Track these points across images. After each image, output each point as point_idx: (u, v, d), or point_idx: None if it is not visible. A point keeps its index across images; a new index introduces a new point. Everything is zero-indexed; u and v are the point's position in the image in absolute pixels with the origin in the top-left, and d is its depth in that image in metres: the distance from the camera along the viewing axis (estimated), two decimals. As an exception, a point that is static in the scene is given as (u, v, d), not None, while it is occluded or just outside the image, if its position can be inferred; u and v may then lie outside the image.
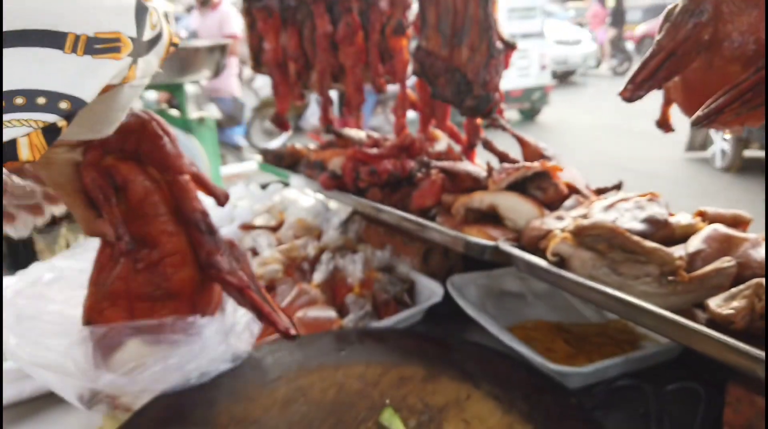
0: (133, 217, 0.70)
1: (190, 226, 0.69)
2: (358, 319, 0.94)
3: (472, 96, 1.13)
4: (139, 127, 0.69)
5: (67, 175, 0.68)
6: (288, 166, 1.37)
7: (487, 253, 0.85)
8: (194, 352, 0.71)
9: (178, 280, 0.69)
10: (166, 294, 0.69)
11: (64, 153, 0.67)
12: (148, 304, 0.69)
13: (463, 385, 0.75)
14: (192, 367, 0.70)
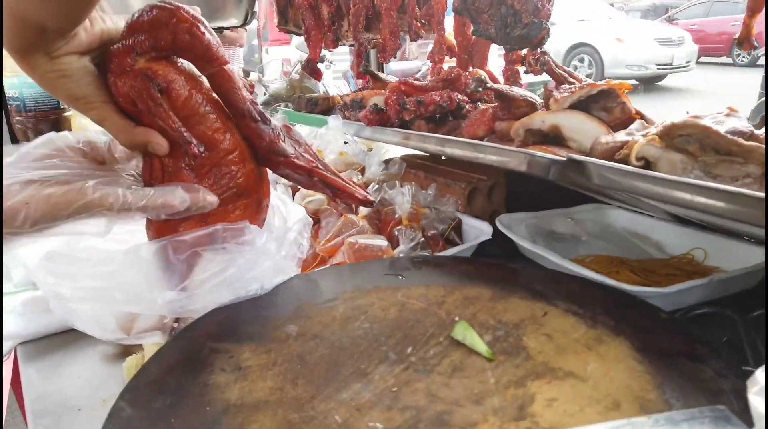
0: (181, 121, 0.64)
1: (244, 118, 0.63)
2: (409, 250, 0.89)
3: (522, 25, 1.07)
4: (169, 18, 0.62)
5: (89, 86, 0.61)
6: (322, 111, 1.31)
7: (555, 170, 0.79)
8: (251, 263, 0.65)
9: (245, 176, 0.63)
10: (236, 194, 0.63)
11: (76, 61, 0.60)
12: (219, 209, 0.63)
13: (536, 304, 0.69)
14: (250, 277, 0.65)
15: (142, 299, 0.64)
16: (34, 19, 0.53)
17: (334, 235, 0.90)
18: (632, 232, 1.04)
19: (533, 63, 1.14)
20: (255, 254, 0.65)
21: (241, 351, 0.61)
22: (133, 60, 0.62)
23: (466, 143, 0.92)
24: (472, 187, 1.11)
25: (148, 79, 0.62)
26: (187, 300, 0.65)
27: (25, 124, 1.41)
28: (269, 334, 0.65)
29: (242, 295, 0.68)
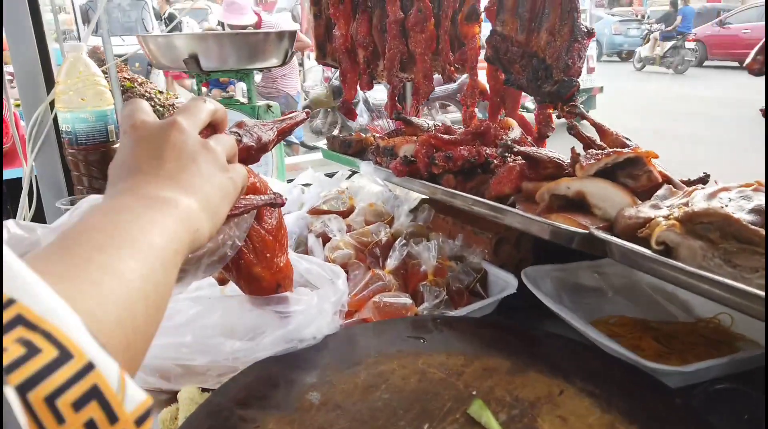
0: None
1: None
2: (433, 307, 0.91)
3: (552, 81, 1.09)
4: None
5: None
6: (355, 153, 1.35)
7: (577, 241, 0.80)
8: (309, 320, 0.74)
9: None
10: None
11: None
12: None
13: (553, 380, 0.71)
14: (307, 332, 0.73)
15: (210, 348, 0.71)
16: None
17: (361, 289, 0.93)
18: (658, 289, 1.04)
19: (565, 109, 1.15)
20: (312, 315, 0.74)
21: (267, 421, 0.65)
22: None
23: (491, 206, 0.94)
24: (499, 236, 1.12)
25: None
26: (251, 350, 0.73)
27: (76, 156, 1.49)
28: (294, 403, 0.68)
29: (296, 345, 0.75)
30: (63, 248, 0.38)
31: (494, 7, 1.20)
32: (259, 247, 0.66)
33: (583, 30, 1.06)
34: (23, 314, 0.27)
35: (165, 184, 0.49)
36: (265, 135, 0.65)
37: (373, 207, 1.15)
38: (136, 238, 0.41)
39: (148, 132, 0.53)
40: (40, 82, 1.56)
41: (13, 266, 0.29)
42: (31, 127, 1.56)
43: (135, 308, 0.37)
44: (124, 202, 0.46)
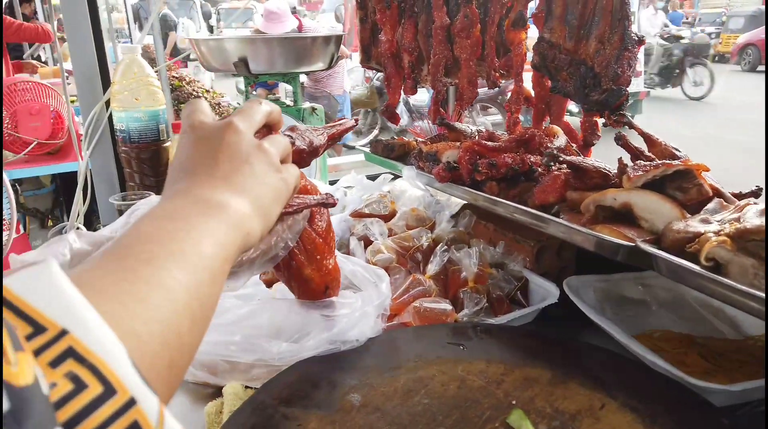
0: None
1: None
2: (473, 314, 0.91)
3: (601, 90, 1.07)
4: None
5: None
6: (397, 157, 1.36)
7: (622, 254, 0.79)
8: (352, 323, 0.76)
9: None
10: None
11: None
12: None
13: (595, 393, 0.70)
14: (350, 334, 0.75)
15: (257, 348, 0.74)
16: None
17: (402, 294, 0.94)
18: (705, 304, 1.02)
19: (612, 118, 1.14)
20: (356, 318, 0.76)
21: (309, 420, 0.67)
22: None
23: (534, 214, 0.94)
24: (541, 245, 1.12)
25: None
26: (295, 351, 0.75)
27: (129, 154, 1.55)
28: (335, 403, 0.70)
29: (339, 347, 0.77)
30: (114, 259, 0.39)
31: (542, 13, 1.19)
32: (309, 248, 0.68)
33: (634, 38, 1.04)
34: (74, 347, 0.28)
35: (218, 186, 0.50)
36: (317, 139, 0.67)
37: (415, 212, 1.16)
38: (186, 249, 0.42)
39: (205, 133, 0.54)
40: (98, 81, 1.63)
41: (67, 293, 0.30)
42: (87, 125, 1.63)
43: (180, 325, 0.38)
44: (178, 207, 0.47)
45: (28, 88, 2.70)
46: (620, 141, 0.94)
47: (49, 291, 0.29)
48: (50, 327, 0.28)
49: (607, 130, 1.22)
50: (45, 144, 2.72)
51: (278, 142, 0.59)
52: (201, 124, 0.55)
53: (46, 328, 0.28)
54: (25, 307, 0.28)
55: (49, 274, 0.30)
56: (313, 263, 0.68)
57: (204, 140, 0.54)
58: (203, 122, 0.56)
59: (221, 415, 0.76)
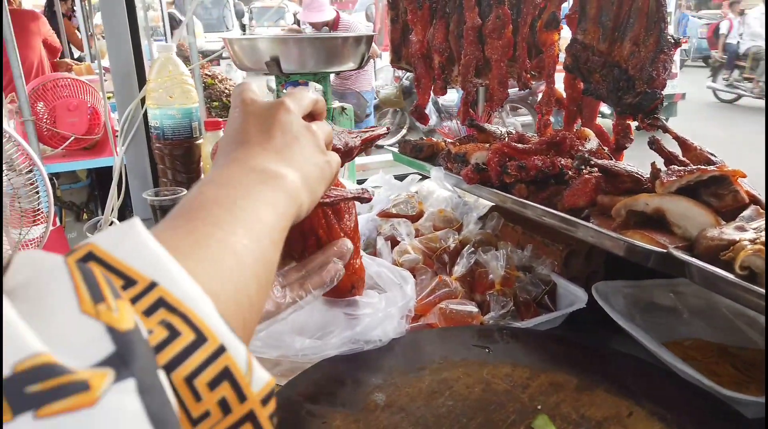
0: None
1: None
2: (499, 317, 0.91)
3: (635, 93, 1.06)
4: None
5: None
6: (425, 158, 1.36)
7: (653, 260, 0.78)
8: (376, 323, 0.77)
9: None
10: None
11: None
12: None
13: (622, 401, 0.70)
14: (374, 334, 0.76)
15: (281, 344, 0.75)
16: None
17: (427, 295, 0.94)
18: (739, 313, 0.99)
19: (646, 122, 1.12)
20: (379, 318, 0.77)
21: (333, 418, 0.67)
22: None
23: (564, 218, 0.93)
24: (570, 249, 1.10)
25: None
26: (319, 348, 0.76)
27: (163, 150, 1.58)
28: (360, 402, 0.70)
29: (363, 347, 0.78)
30: (187, 220, 0.40)
31: (575, 15, 1.18)
32: None
33: (670, 41, 1.02)
34: (165, 297, 0.30)
35: (272, 158, 0.51)
36: (351, 141, 0.67)
37: (443, 213, 1.15)
38: (250, 215, 0.43)
39: (257, 108, 0.55)
40: (134, 79, 1.67)
41: (152, 248, 0.31)
42: (123, 121, 1.66)
43: (249, 288, 0.39)
44: (235, 174, 0.48)
45: (67, 84, 2.77)
46: (654, 145, 0.92)
47: (136, 246, 0.31)
48: (140, 280, 0.29)
49: (640, 134, 1.20)
50: (82, 139, 2.79)
51: (324, 126, 0.60)
52: (253, 101, 0.56)
53: (136, 280, 0.29)
54: (114, 261, 0.30)
55: (134, 231, 0.32)
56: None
57: (256, 115, 0.55)
58: (254, 99, 0.56)
59: (247, 409, 0.77)
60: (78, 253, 0.30)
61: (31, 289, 0.25)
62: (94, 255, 0.30)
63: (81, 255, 0.29)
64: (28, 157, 1.41)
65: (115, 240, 0.31)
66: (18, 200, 1.47)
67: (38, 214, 1.50)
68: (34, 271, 0.26)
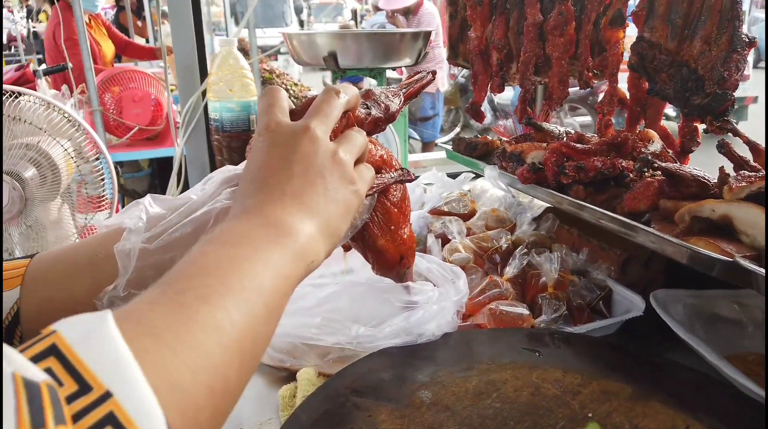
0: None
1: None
2: (551, 320, 0.89)
3: (704, 94, 1.01)
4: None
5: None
6: (480, 156, 1.34)
7: (718, 269, 0.74)
8: (430, 316, 0.77)
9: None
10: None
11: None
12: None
13: (679, 414, 0.67)
14: (427, 327, 0.75)
15: (337, 331, 0.76)
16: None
17: (477, 295, 0.93)
18: (811, 329, 0.93)
19: (715, 124, 1.07)
20: (434, 310, 0.77)
21: (379, 412, 0.67)
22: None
23: (623, 222, 0.89)
24: (629, 254, 1.07)
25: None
26: (373, 337, 0.77)
27: (221, 142, 1.62)
28: (405, 398, 0.70)
29: (416, 339, 0.78)
30: (174, 293, 0.39)
31: (643, 12, 1.13)
32: (384, 220, 0.65)
33: (744, 40, 0.97)
34: (116, 413, 0.28)
35: (289, 205, 0.49)
36: (393, 104, 0.64)
37: (496, 213, 1.14)
38: (246, 284, 0.41)
39: (280, 138, 0.53)
40: (196, 72, 1.72)
41: (117, 350, 0.30)
42: (184, 113, 1.72)
43: (228, 369, 0.38)
44: (245, 230, 0.46)
45: (133, 76, 2.88)
46: (723, 149, 0.88)
47: (101, 345, 0.30)
48: (95, 387, 0.28)
49: (708, 137, 1.14)
50: (145, 130, 2.90)
51: (354, 144, 0.57)
52: (277, 127, 0.53)
53: (91, 387, 0.28)
54: (74, 359, 0.29)
55: (105, 327, 0.31)
56: (386, 234, 0.65)
57: (279, 147, 0.52)
58: (279, 124, 0.54)
59: (294, 399, 0.78)
60: (42, 344, 0.29)
61: None
62: (57, 348, 0.29)
63: (44, 346, 0.29)
64: (96, 145, 1.48)
65: (83, 333, 0.30)
66: (85, 187, 1.54)
67: (102, 201, 1.57)
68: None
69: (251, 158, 0.53)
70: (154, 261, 0.58)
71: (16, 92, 1.34)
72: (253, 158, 0.53)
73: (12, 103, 1.31)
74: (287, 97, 0.59)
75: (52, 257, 0.65)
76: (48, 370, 0.28)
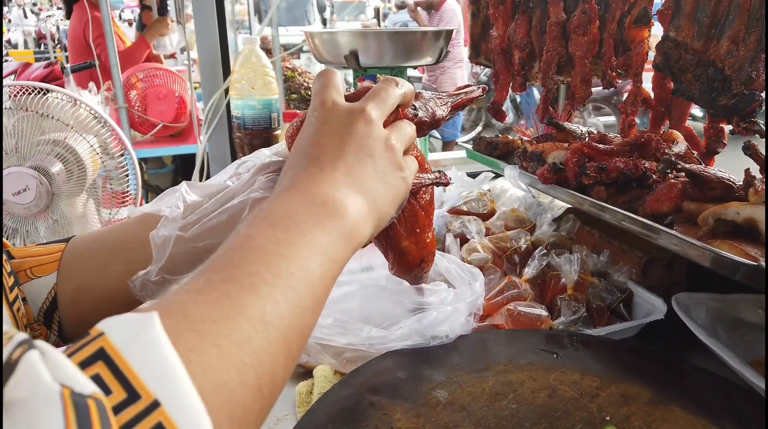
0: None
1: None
2: (569, 322, 0.88)
3: (730, 94, 0.99)
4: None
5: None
6: (500, 156, 1.33)
7: (742, 273, 0.73)
8: (443, 317, 0.77)
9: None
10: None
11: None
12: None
13: (699, 419, 0.66)
14: (440, 329, 0.75)
15: (348, 332, 0.76)
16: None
17: (495, 295, 0.92)
18: (839, 337, 0.91)
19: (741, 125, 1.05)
20: (447, 312, 0.76)
21: (394, 410, 0.68)
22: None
23: (645, 224, 0.88)
24: (650, 256, 1.05)
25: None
26: (384, 338, 0.77)
27: (243, 139, 1.64)
28: (421, 397, 0.70)
29: (429, 342, 0.78)
30: (220, 282, 0.37)
31: (669, 10, 1.12)
32: (410, 221, 0.64)
33: (774, 39, 0.95)
34: (164, 423, 0.27)
35: (339, 181, 0.48)
36: (440, 110, 0.63)
37: (515, 213, 1.13)
38: (294, 271, 0.39)
39: (335, 116, 0.51)
40: (219, 70, 1.74)
41: (164, 354, 0.29)
42: (207, 110, 1.74)
43: (275, 366, 0.36)
44: (293, 208, 0.44)
45: (158, 74, 2.93)
46: (749, 150, 0.86)
47: (148, 349, 0.29)
48: (144, 395, 0.28)
49: (734, 138, 1.12)
50: (169, 127, 2.94)
51: (404, 134, 0.55)
52: (333, 105, 0.52)
53: (140, 395, 0.28)
54: (122, 364, 0.28)
55: (151, 329, 0.30)
56: (412, 236, 0.64)
57: (332, 125, 0.51)
58: (335, 103, 0.52)
59: (311, 395, 0.79)
60: (90, 348, 0.28)
61: (26, 415, 0.23)
62: (105, 352, 0.28)
63: (92, 351, 0.28)
64: (121, 142, 1.50)
65: (129, 336, 0.29)
66: (110, 182, 1.57)
67: (127, 196, 1.59)
68: (32, 393, 0.24)
69: (303, 134, 0.52)
70: (188, 248, 0.59)
71: (45, 89, 1.37)
72: (305, 134, 0.52)
73: (40, 99, 1.34)
74: (343, 78, 0.58)
75: (88, 241, 0.65)
76: (96, 376, 0.27)
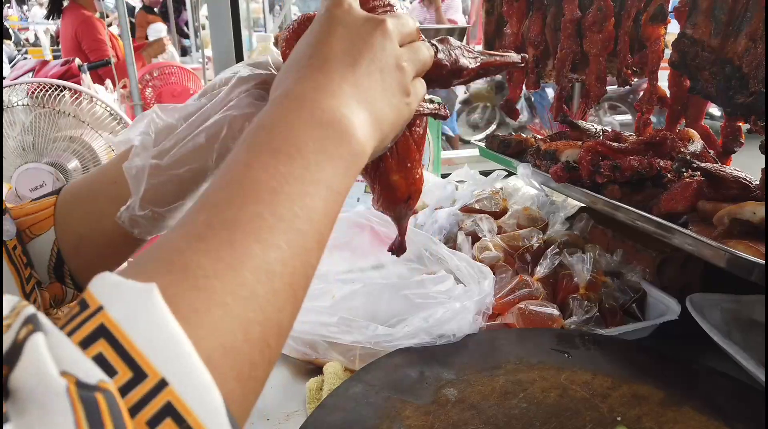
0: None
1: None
2: (582, 322, 0.88)
3: (748, 92, 0.97)
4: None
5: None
6: (513, 154, 1.33)
7: (757, 273, 0.72)
8: (450, 315, 0.76)
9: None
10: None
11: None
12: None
13: (712, 421, 0.65)
14: (447, 327, 0.74)
15: (354, 330, 0.76)
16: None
17: (507, 294, 0.92)
18: None
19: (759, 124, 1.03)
20: (455, 310, 0.76)
21: (404, 408, 0.68)
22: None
23: (660, 223, 0.87)
24: (664, 256, 1.04)
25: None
26: (391, 336, 0.77)
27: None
28: (431, 395, 0.70)
29: (435, 340, 0.78)
30: (221, 227, 0.34)
31: (685, 7, 1.10)
32: (402, 154, 0.59)
33: (793, 37, 0.93)
34: (173, 403, 0.27)
35: (348, 93, 0.43)
36: (464, 60, 0.58)
37: (528, 211, 1.12)
38: (297, 210, 0.37)
39: (352, 20, 0.46)
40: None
41: (169, 328, 0.28)
42: (221, 108, 1.74)
43: (281, 316, 0.35)
44: (296, 130, 0.40)
45: (173, 71, 2.95)
46: (766, 149, 0.85)
47: (151, 323, 0.28)
48: (150, 373, 0.27)
49: (751, 137, 1.11)
50: (184, 124, 2.96)
51: (419, 58, 0.50)
52: (350, 8, 0.47)
53: (146, 374, 0.27)
54: (125, 341, 0.27)
55: (152, 302, 0.29)
56: (402, 170, 0.60)
57: (349, 29, 0.46)
58: (353, 7, 0.47)
59: (321, 391, 0.79)
60: (89, 326, 0.27)
61: (33, 408, 0.23)
62: (106, 329, 0.27)
63: (92, 328, 0.27)
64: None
65: (130, 311, 0.28)
66: (125, 178, 1.58)
67: (142, 192, 1.61)
68: (38, 386, 0.23)
69: (309, 33, 0.47)
70: (168, 176, 0.55)
71: (61, 86, 1.38)
72: (313, 34, 0.46)
73: (57, 96, 1.36)
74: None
75: (76, 189, 0.63)
76: (99, 356, 0.26)
